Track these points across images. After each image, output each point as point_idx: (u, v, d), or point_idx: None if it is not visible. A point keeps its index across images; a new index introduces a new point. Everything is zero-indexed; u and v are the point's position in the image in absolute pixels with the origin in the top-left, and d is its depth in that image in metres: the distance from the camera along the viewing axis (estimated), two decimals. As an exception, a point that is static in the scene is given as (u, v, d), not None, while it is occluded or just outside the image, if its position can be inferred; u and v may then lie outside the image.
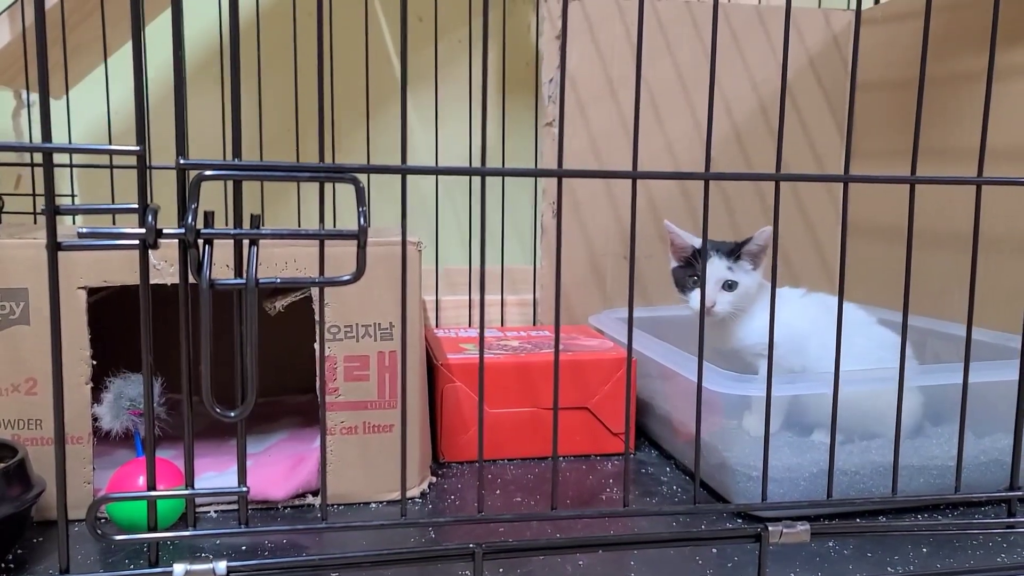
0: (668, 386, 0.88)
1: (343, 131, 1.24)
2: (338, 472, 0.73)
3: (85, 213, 0.50)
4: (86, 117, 1.22)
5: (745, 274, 0.84)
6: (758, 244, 0.84)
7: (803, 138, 1.20)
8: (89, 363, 0.68)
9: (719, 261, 0.84)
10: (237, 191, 0.48)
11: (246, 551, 0.64)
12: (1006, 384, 0.64)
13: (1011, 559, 0.64)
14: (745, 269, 0.85)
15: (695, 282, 0.85)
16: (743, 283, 0.84)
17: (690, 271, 0.86)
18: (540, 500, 0.76)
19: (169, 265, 0.67)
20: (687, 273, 0.87)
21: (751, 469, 0.72)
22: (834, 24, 1.19)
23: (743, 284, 0.84)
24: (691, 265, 0.86)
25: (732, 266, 0.84)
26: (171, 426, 0.73)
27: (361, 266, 0.48)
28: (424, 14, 1.34)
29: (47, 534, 0.67)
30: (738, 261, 0.84)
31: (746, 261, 0.85)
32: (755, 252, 0.85)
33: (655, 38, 1.14)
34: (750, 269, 0.85)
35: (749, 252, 0.84)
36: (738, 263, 0.84)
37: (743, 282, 0.84)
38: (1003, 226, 0.87)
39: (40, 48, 0.45)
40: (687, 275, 0.87)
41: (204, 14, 1.16)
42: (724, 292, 0.83)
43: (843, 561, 0.64)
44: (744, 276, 0.84)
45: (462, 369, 0.86)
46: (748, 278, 0.84)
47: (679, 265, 0.88)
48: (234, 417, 0.48)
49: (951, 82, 0.99)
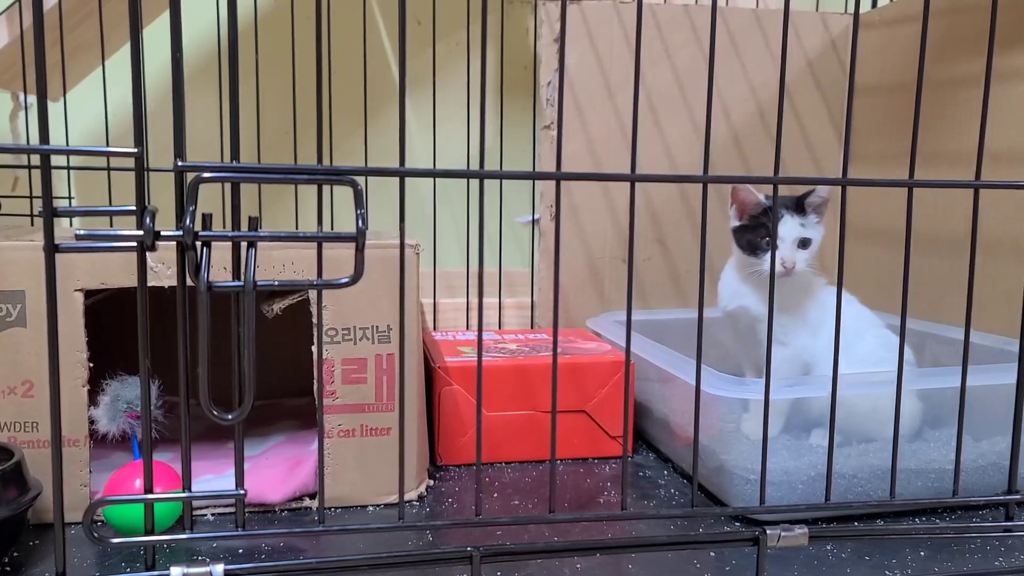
0: (666, 389, 0.88)
1: (341, 134, 1.24)
2: (336, 475, 0.73)
3: (82, 215, 0.50)
4: (84, 119, 1.22)
5: (814, 229, 0.82)
6: (822, 196, 0.82)
7: (801, 141, 1.20)
8: (86, 365, 0.68)
9: (791, 219, 0.81)
10: (235, 193, 0.48)
11: (243, 554, 0.64)
12: (1004, 388, 0.64)
13: (1008, 563, 0.64)
14: (813, 223, 0.83)
15: (768, 243, 0.82)
16: (815, 238, 0.82)
17: (760, 232, 0.83)
18: (538, 503, 0.76)
19: (167, 267, 0.67)
20: (756, 235, 0.83)
21: (749, 472, 0.72)
22: (832, 28, 1.19)
23: (815, 240, 0.82)
24: (761, 226, 0.83)
25: (803, 222, 0.82)
26: (168, 429, 0.72)
27: (359, 269, 0.48)
28: (423, 17, 1.34)
29: (44, 537, 0.66)
30: (807, 215, 0.82)
31: (813, 215, 0.83)
32: (818, 204, 0.83)
33: (653, 41, 1.14)
34: (816, 222, 0.83)
35: (813, 205, 0.82)
36: (807, 218, 0.82)
37: (815, 237, 0.82)
38: (1001, 229, 0.87)
39: (38, 50, 0.45)
40: (758, 236, 0.83)
41: (203, 16, 1.16)
42: (800, 251, 0.81)
43: (841, 564, 0.64)
44: (814, 231, 0.82)
45: (460, 372, 0.86)
46: (817, 232, 0.83)
47: (744, 224, 0.85)
48: (231, 420, 0.48)
49: (949, 86, 0.99)
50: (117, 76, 1.13)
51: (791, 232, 0.81)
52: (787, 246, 0.81)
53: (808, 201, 0.82)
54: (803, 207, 0.82)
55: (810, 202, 0.82)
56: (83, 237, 0.45)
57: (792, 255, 0.81)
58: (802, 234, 0.81)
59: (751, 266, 0.84)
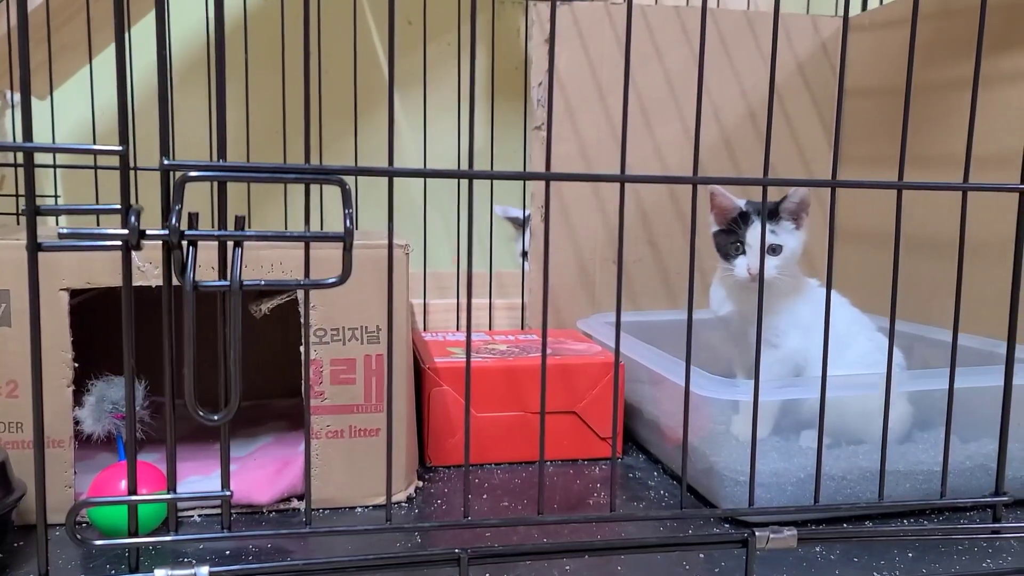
0: (656, 390, 0.88)
1: (331, 134, 1.24)
2: (324, 476, 0.73)
3: (67, 213, 0.49)
4: (71, 118, 1.21)
5: (788, 235, 0.81)
6: (794, 201, 0.81)
7: (791, 143, 1.21)
8: (71, 366, 0.68)
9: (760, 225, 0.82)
10: (221, 192, 0.48)
11: (230, 556, 0.64)
12: (992, 390, 0.65)
13: (996, 564, 0.64)
14: (787, 229, 0.81)
15: (737, 249, 0.82)
16: (788, 245, 0.81)
17: (733, 237, 0.82)
18: (527, 505, 0.76)
19: (153, 267, 0.67)
20: (730, 240, 0.83)
21: (738, 474, 0.72)
22: (822, 30, 1.19)
23: (788, 246, 0.81)
24: (733, 231, 0.82)
25: (774, 228, 0.81)
26: (154, 429, 0.72)
27: (347, 269, 0.48)
28: (414, 17, 1.34)
29: (28, 538, 0.66)
30: (779, 222, 0.81)
31: (787, 221, 0.82)
32: (794, 210, 0.81)
33: (644, 43, 1.14)
34: (792, 229, 0.82)
35: (788, 210, 0.81)
36: (779, 224, 0.81)
37: (787, 244, 0.81)
38: (989, 232, 0.88)
39: (22, 46, 0.44)
40: (730, 242, 0.82)
41: (192, 15, 1.15)
42: (769, 256, 0.80)
43: (830, 566, 0.64)
44: (788, 237, 0.81)
45: (449, 373, 0.86)
46: (792, 239, 0.81)
47: (721, 229, 0.84)
48: (217, 421, 0.48)
49: (938, 89, 1.00)
50: (105, 74, 1.12)
51: (759, 238, 0.80)
52: (754, 252, 0.80)
53: (783, 207, 0.81)
54: (777, 212, 0.81)
55: (784, 208, 0.81)
56: (67, 236, 0.44)
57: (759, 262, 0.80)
58: (772, 240, 0.80)
59: (725, 271, 0.84)
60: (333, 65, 1.18)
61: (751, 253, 0.81)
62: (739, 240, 0.82)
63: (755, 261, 0.79)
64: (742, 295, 0.83)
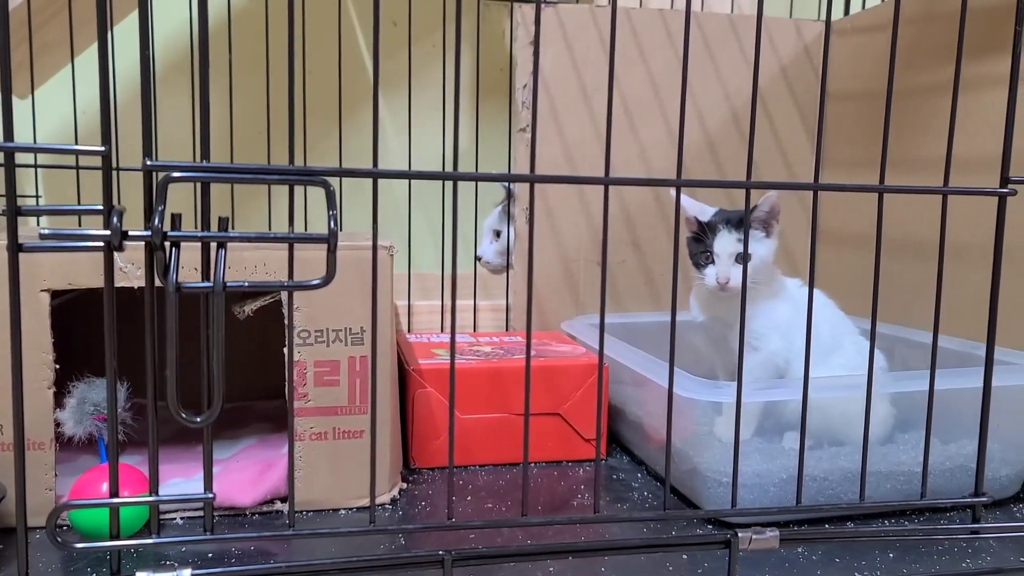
0: (640, 392, 0.88)
1: (316, 135, 1.24)
2: (307, 478, 0.73)
3: (48, 214, 0.49)
4: (54, 117, 1.20)
5: (758, 243, 0.81)
6: (764, 210, 0.81)
7: (774, 147, 1.21)
8: (52, 367, 0.67)
9: (728, 234, 0.81)
10: (204, 193, 0.48)
11: (212, 558, 0.64)
12: (972, 391, 0.65)
13: (975, 564, 0.65)
14: (757, 238, 0.82)
15: (707, 258, 0.82)
16: (757, 253, 0.81)
17: (701, 247, 0.83)
18: (511, 506, 0.76)
19: (136, 268, 0.66)
20: (699, 249, 0.83)
21: (721, 475, 0.72)
22: (805, 34, 1.20)
23: (757, 254, 0.81)
24: (700, 240, 0.83)
25: (742, 238, 0.80)
26: (136, 431, 0.71)
27: (331, 270, 0.48)
28: (399, 18, 1.34)
29: (8, 541, 0.65)
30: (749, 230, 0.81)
31: (757, 229, 0.82)
32: (764, 219, 0.81)
33: (629, 46, 1.14)
34: (762, 237, 0.82)
35: (758, 219, 0.81)
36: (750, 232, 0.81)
37: (757, 252, 0.81)
38: (969, 235, 0.89)
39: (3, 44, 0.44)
40: (700, 251, 0.83)
41: (176, 14, 1.15)
42: (737, 266, 0.80)
43: (812, 566, 0.64)
44: (757, 246, 0.81)
45: (434, 374, 0.86)
46: (761, 247, 0.81)
47: (691, 237, 0.85)
48: (200, 423, 0.48)
49: (919, 93, 1.01)
50: (87, 74, 1.11)
51: (726, 247, 0.81)
52: (723, 261, 0.81)
53: (753, 216, 0.81)
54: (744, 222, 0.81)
55: (754, 216, 0.81)
56: (48, 236, 0.44)
57: (727, 271, 0.80)
58: (739, 249, 0.80)
59: (697, 279, 0.85)
60: (318, 66, 1.18)
61: (719, 262, 0.81)
62: (708, 249, 0.82)
63: (723, 270, 0.80)
64: (718, 302, 0.84)
